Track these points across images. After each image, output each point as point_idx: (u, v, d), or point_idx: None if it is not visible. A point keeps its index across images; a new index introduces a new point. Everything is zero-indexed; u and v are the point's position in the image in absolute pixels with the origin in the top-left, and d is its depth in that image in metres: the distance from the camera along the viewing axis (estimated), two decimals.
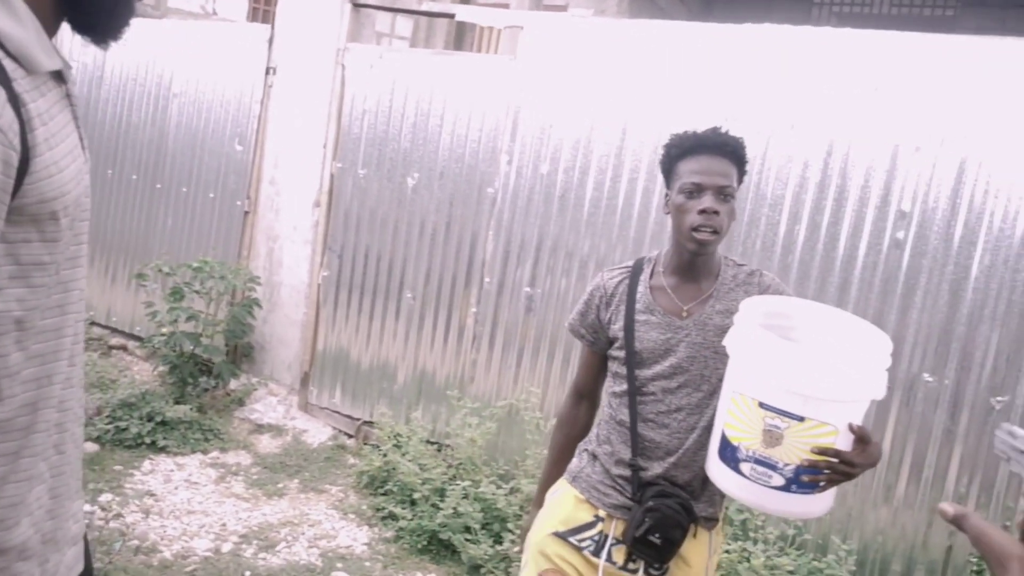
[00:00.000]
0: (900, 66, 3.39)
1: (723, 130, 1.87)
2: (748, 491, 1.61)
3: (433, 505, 3.76)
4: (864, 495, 3.41)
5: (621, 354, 1.92)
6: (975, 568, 3.12)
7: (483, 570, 3.45)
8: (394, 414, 4.54)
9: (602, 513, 1.90)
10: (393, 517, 3.85)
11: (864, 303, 3.44)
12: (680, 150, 1.86)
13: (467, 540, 3.53)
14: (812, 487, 1.56)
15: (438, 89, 4.51)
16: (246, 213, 5.31)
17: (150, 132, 5.70)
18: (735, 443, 1.61)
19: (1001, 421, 3.15)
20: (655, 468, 1.86)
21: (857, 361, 1.58)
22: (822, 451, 1.53)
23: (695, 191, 1.80)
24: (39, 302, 1.05)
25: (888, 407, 3.38)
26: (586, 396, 2.09)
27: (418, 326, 4.61)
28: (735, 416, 1.62)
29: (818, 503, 1.62)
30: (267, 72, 5.18)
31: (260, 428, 4.84)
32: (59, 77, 1.07)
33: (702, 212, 1.78)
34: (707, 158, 1.82)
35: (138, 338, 5.61)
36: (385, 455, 4.16)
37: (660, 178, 3.85)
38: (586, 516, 1.92)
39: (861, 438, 1.56)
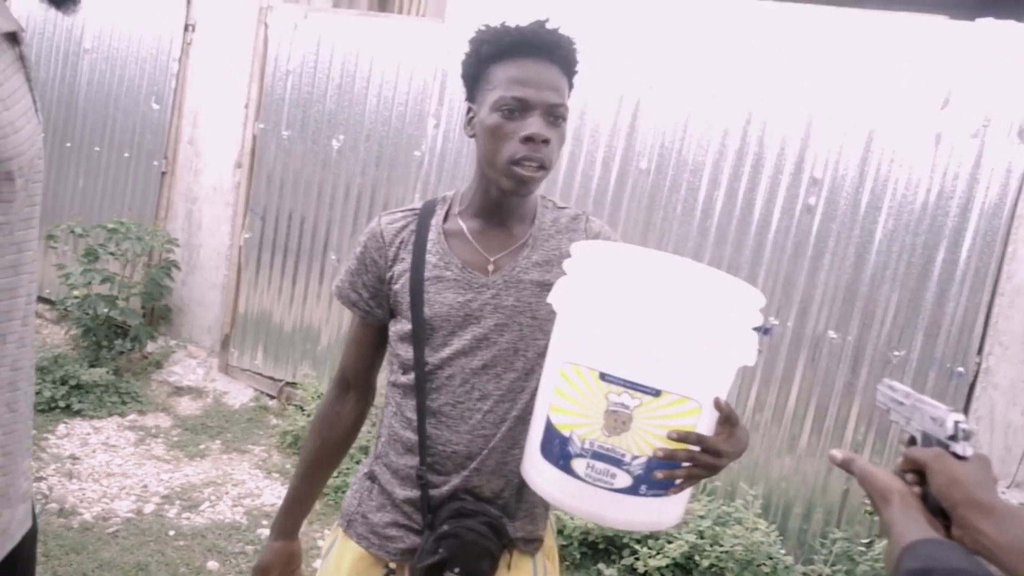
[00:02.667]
0: (815, 38, 3.54)
1: (552, 26, 1.35)
2: (582, 498, 1.18)
3: (358, 462, 3.79)
4: (770, 445, 3.60)
5: (405, 327, 1.40)
6: (868, 510, 3.34)
7: None
8: (317, 375, 4.54)
9: (393, 564, 1.43)
10: None
11: (777, 265, 3.62)
12: (495, 48, 1.35)
13: None
14: (666, 485, 1.16)
15: (364, 51, 4.48)
16: (163, 174, 5.17)
17: (59, 89, 5.48)
18: (565, 432, 1.18)
19: (898, 374, 3.38)
20: (452, 480, 1.38)
21: (724, 318, 1.16)
22: (682, 436, 1.12)
23: (517, 109, 1.30)
24: None
25: (795, 364, 3.57)
26: (355, 386, 1.52)
27: None
28: (565, 396, 1.18)
29: (670, 509, 1.22)
30: (186, 29, 5.04)
31: (179, 391, 4.77)
32: (13, 39, 1.06)
33: (527, 140, 1.28)
34: (534, 63, 1.33)
35: (48, 301, 5.42)
36: (308, 415, 4.17)
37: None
38: (375, 573, 1.44)
39: (728, 418, 1.16)
